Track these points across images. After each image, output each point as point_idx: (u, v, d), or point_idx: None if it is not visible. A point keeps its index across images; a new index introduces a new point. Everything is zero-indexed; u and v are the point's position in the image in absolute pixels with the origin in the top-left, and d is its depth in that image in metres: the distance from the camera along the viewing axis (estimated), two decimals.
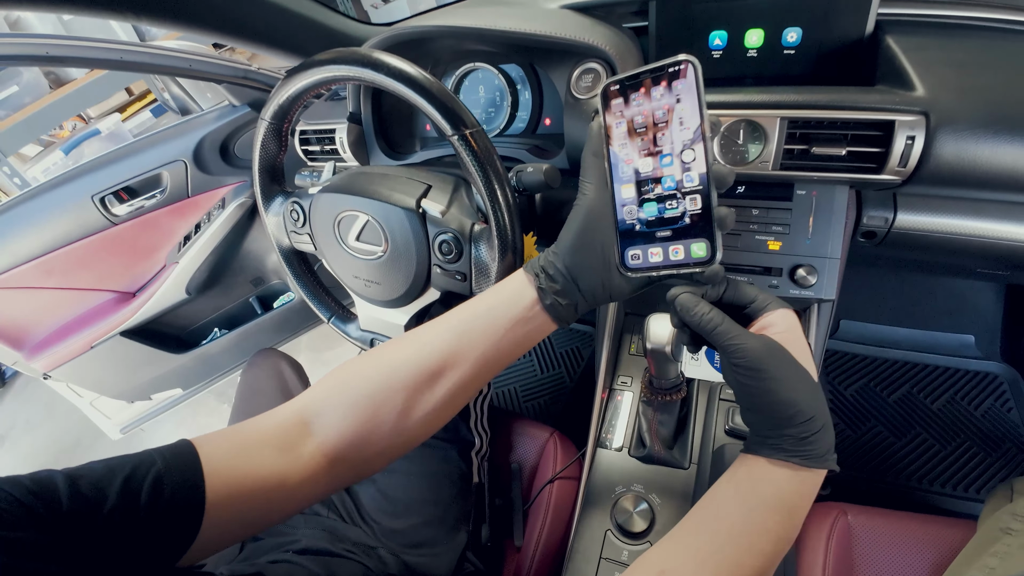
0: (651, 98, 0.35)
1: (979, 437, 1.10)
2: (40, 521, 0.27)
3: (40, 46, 0.80)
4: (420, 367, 0.41)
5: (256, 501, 0.36)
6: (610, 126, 0.37)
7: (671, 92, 0.35)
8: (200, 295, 1.22)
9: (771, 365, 0.35)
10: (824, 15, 0.59)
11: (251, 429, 0.39)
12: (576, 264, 0.39)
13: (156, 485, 0.31)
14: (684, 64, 0.34)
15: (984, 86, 0.53)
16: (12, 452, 2.07)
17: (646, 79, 0.35)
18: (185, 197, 1.12)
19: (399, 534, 0.65)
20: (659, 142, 0.36)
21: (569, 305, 0.40)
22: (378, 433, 0.40)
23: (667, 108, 0.35)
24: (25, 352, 1.14)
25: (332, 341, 1.94)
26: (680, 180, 0.36)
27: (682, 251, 0.37)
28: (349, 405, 0.41)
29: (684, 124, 0.35)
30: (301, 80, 0.55)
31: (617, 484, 0.61)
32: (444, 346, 0.41)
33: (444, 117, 0.48)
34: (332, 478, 0.40)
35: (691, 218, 0.36)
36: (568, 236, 0.40)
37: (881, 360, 1.24)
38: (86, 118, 2.45)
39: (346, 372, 0.43)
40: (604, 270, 0.39)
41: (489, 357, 0.41)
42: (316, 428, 0.40)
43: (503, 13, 0.69)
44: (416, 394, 0.40)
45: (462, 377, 0.41)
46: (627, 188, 0.37)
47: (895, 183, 0.55)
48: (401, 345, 0.43)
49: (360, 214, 0.59)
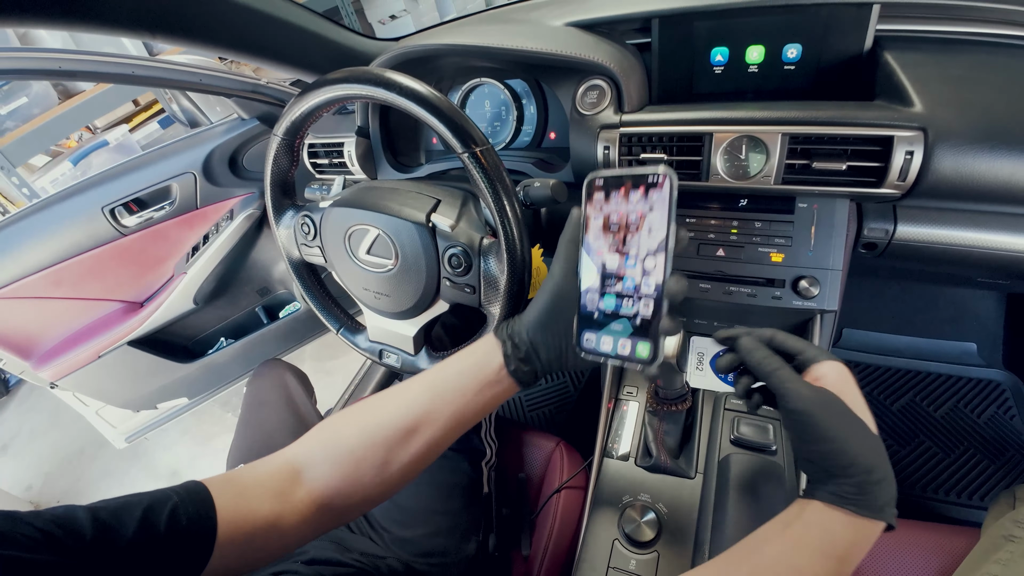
0: (628, 201, 0.38)
1: (982, 445, 1.10)
2: (62, 547, 0.28)
3: (54, 60, 0.82)
4: (396, 425, 0.45)
5: (255, 540, 0.39)
6: (588, 217, 0.40)
7: (646, 200, 0.37)
8: (207, 305, 1.23)
9: (824, 414, 0.36)
10: (823, 32, 0.61)
11: (249, 474, 0.42)
12: (538, 338, 0.44)
13: (173, 515, 0.34)
14: (663, 177, 0.36)
15: (981, 101, 0.54)
16: (16, 460, 2.07)
17: (627, 182, 0.38)
18: (194, 208, 1.14)
19: (409, 543, 0.66)
20: (627, 243, 0.39)
21: (531, 371, 0.45)
22: (360, 484, 0.44)
23: (640, 214, 0.38)
24: (33, 361, 1.15)
25: (336, 351, 1.95)
26: (639, 283, 0.38)
27: (629, 347, 0.39)
28: (334, 459, 0.44)
29: (652, 233, 0.37)
30: (315, 98, 0.56)
31: (624, 493, 0.62)
32: (418, 405, 0.45)
33: (454, 135, 0.49)
34: (320, 523, 0.43)
35: (641, 320, 0.38)
36: (534, 312, 0.45)
37: (884, 368, 1.24)
38: (93, 129, 2.47)
39: (331, 428, 0.47)
40: (562, 347, 0.44)
41: (460, 416, 0.45)
42: (305, 478, 0.43)
43: (509, 31, 0.71)
44: (394, 449, 0.44)
45: (435, 434, 0.45)
46: (593, 277, 0.40)
47: (895, 196, 0.56)
48: (380, 403, 0.47)
49: (371, 228, 0.60)
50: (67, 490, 1.89)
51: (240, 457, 0.83)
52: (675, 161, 0.61)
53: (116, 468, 1.90)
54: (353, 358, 1.80)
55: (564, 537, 0.70)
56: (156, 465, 1.85)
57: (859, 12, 0.59)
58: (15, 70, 0.84)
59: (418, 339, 0.65)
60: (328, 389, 1.39)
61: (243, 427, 0.90)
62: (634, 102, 0.65)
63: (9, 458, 2.09)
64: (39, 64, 0.82)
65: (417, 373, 0.66)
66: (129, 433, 1.41)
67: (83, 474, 1.92)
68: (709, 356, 0.74)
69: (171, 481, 1.63)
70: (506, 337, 0.45)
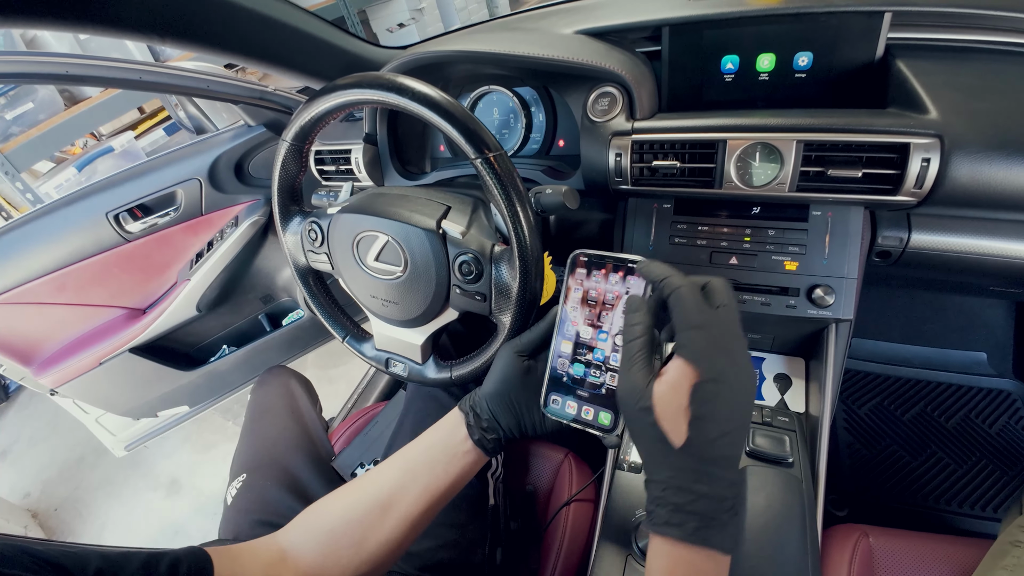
0: (607, 280, 0.41)
1: (995, 455, 1.08)
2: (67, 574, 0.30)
3: (61, 65, 0.82)
4: (371, 502, 0.47)
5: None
6: (569, 288, 0.43)
7: (624, 283, 0.40)
8: (210, 312, 1.22)
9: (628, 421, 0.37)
10: (834, 40, 0.61)
11: (245, 549, 0.45)
12: (497, 408, 0.47)
13: (174, 566, 0.36)
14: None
15: (996, 109, 0.53)
16: (15, 467, 2.05)
17: (608, 263, 0.41)
18: (199, 215, 1.13)
19: (415, 556, 0.64)
20: (602, 319, 0.41)
21: (494, 439, 0.48)
22: (339, 564, 0.45)
23: (616, 295, 0.41)
24: (33, 368, 1.14)
25: (338, 359, 1.93)
26: (608, 357, 0.41)
27: (592, 414, 0.42)
28: (314, 539, 0.46)
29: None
30: (324, 103, 0.56)
31: (637, 507, 0.60)
32: (392, 480, 0.48)
33: (467, 140, 0.49)
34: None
35: (606, 391, 0.41)
36: (491, 384, 0.48)
37: (894, 378, 1.23)
38: (98, 136, 2.48)
39: (316, 509, 0.49)
40: (519, 416, 0.47)
41: (432, 489, 0.47)
42: (289, 556, 0.45)
43: (520, 39, 0.71)
44: (369, 527, 0.46)
45: (409, 509, 0.47)
46: (566, 344, 0.43)
47: (911, 204, 0.56)
48: (358, 483, 0.49)
49: (380, 234, 0.59)
50: (66, 498, 1.86)
51: (244, 465, 0.81)
52: (688, 168, 0.61)
53: (115, 476, 1.88)
54: (356, 366, 1.79)
55: (574, 552, 0.68)
56: (156, 473, 1.83)
57: (870, 20, 0.59)
58: (23, 74, 0.84)
59: (426, 348, 0.64)
60: (331, 397, 1.37)
61: (247, 435, 0.88)
62: (645, 109, 0.64)
63: (8, 465, 2.07)
64: (47, 68, 0.82)
65: (424, 382, 0.66)
66: (129, 441, 1.40)
67: (82, 482, 1.90)
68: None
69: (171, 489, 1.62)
70: (468, 409, 0.48)
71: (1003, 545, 0.57)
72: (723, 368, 0.33)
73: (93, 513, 1.78)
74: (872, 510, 1.04)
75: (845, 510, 1.04)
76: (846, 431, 1.17)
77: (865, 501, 1.06)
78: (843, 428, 1.17)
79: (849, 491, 1.07)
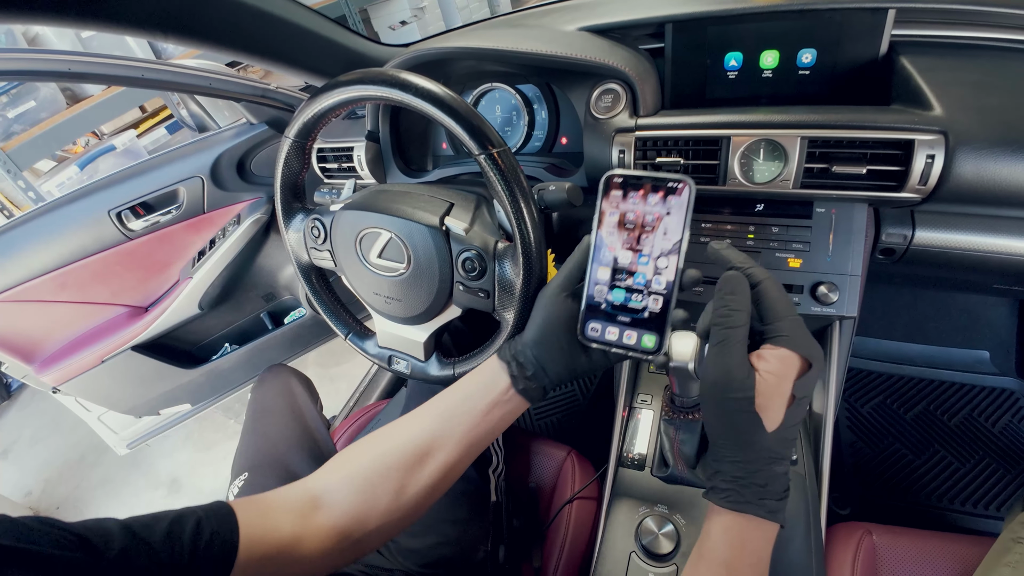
0: (646, 202, 0.40)
1: (997, 454, 1.08)
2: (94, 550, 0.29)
3: (63, 62, 0.82)
4: (409, 450, 0.46)
5: (275, 560, 0.39)
6: (604, 212, 0.42)
7: (664, 204, 0.39)
8: (212, 310, 1.22)
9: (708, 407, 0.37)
10: (838, 37, 0.60)
11: (272, 497, 0.44)
12: (544, 354, 0.45)
13: (197, 529, 0.35)
14: (683, 184, 0.38)
15: (1001, 106, 0.53)
16: (16, 465, 2.05)
17: (647, 184, 0.40)
18: (201, 213, 1.13)
19: (416, 553, 0.64)
20: (642, 242, 0.41)
21: (538, 388, 0.46)
22: (376, 510, 0.44)
23: (657, 216, 0.40)
24: (35, 366, 1.14)
25: (340, 357, 1.93)
26: (650, 280, 0.41)
27: (635, 338, 0.41)
28: (350, 486, 0.45)
29: (667, 235, 0.40)
30: (328, 99, 0.56)
31: (640, 505, 0.60)
32: (429, 430, 0.46)
33: (471, 136, 0.48)
34: (340, 552, 0.43)
35: (650, 314, 0.41)
36: (533, 331, 0.46)
37: (897, 377, 1.23)
38: (100, 134, 2.48)
39: (347, 456, 0.47)
40: (567, 358, 0.45)
41: (471, 438, 0.46)
42: (324, 503, 0.44)
43: (523, 36, 0.70)
44: (408, 474, 0.45)
45: (448, 457, 0.46)
46: (603, 271, 0.42)
47: (915, 201, 0.56)
48: (393, 430, 0.48)
49: (383, 231, 0.59)
50: (67, 496, 1.87)
51: (245, 464, 0.81)
52: (691, 165, 0.61)
53: (117, 474, 1.88)
54: (358, 364, 1.79)
55: (577, 549, 0.68)
56: (157, 472, 1.84)
57: (874, 17, 0.59)
58: (25, 71, 0.84)
59: (429, 345, 0.64)
60: (332, 396, 1.37)
61: (248, 434, 0.88)
62: (649, 106, 0.64)
63: (9, 463, 2.08)
64: (49, 65, 0.82)
65: (427, 379, 0.66)
66: (131, 439, 1.40)
67: (83, 480, 1.90)
68: None
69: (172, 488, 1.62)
70: (510, 358, 0.46)
71: (1005, 542, 0.57)
72: (819, 357, 0.36)
73: (94, 511, 1.78)
74: (875, 508, 1.04)
75: (848, 508, 1.04)
76: (849, 430, 1.17)
77: (868, 499, 1.06)
78: (846, 427, 1.17)
79: (852, 489, 1.07)
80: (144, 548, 0.32)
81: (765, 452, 0.35)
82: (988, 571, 0.55)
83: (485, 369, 0.48)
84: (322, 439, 0.88)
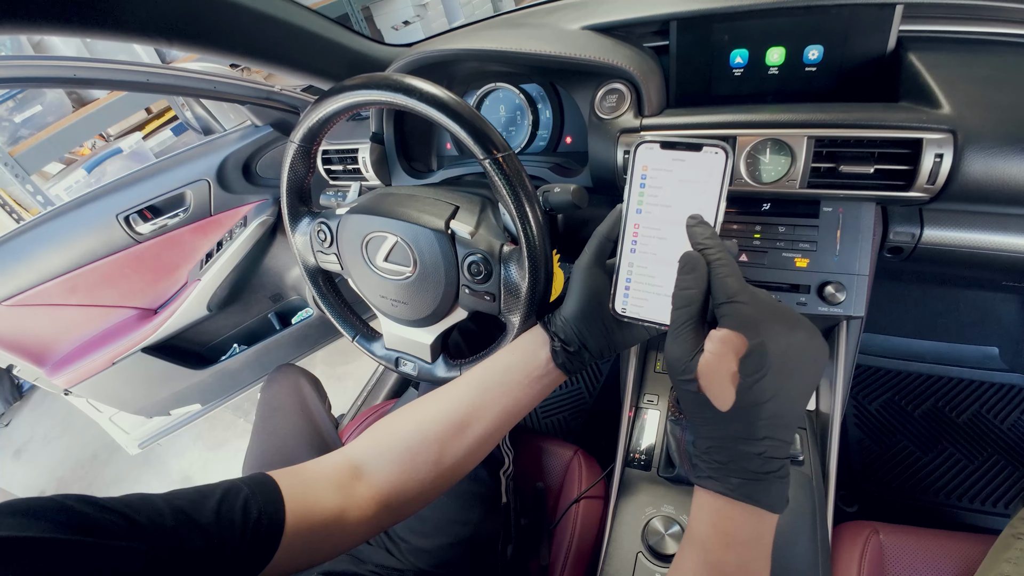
0: (680, 170, 0.38)
1: (1006, 451, 1.07)
2: (146, 534, 0.29)
3: (69, 68, 0.83)
4: (448, 421, 0.46)
5: (320, 532, 0.39)
6: (635, 180, 0.40)
7: (699, 171, 0.37)
8: (220, 311, 1.23)
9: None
10: (845, 33, 0.60)
11: (313, 468, 0.44)
12: (584, 329, 0.45)
13: (246, 508, 0.35)
14: (719, 150, 0.37)
15: (1010, 103, 0.52)
16: (30, 465, 2.09)
17: (681, 149, 0.38)
18: (208, 215, 1.14)
19: (427, 554, 0.65)
20: (675, 211, 0.38)
21: (578, 362, 0.46)
22: (416, 479, 0.45)
23: (692, 184, 0.38)
24: (47, 368, 1.15)
25: (347, 356, 1.95)
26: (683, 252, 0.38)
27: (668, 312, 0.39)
28: (390, 455, 0.45)
29: (703, 205, 0.37)
30: (333, 104, 0.56)
31: (647, 505, 0.61)
32: (468, 401, 0.47)
33: (476, 141, 0.49)
34: (380, 519, 0.44)
35: None
36: (573, 305, 0.46)
37: (905, 374, 1.22)
38: (107, 137, 2.50)
39: (385, 426, 0.48)
40: (608, 332, 0.45)
41: (509, 409, 0.47)
42: (365, 472, 0.45)
43: (526, 35, 0.70)
44: (447, 444, 0.45)
45: (486, 428, 0.46)
46: (635, 243, 0.41)
47: (923, 200, 0.55)
48: (431, 401, 0.48)
49: (389, 235, 0.59)
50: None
51: (256, 463, 0.82)
52: None
53: (128, 473, 1.91)
54: (365, 363, 1.80)
55: (584, 548, 0.69)
56: (169, 471, 1.86)
57: (881, 12, 0.58)
58: (30, 78, 0.84)
59: (435, 347, 0.65)
60: (340, 394, 1.38)
61: (258, 433, 0.89)
62: (654, 106, 0.64)
63: (23, 463, 2.11)
64: (54, 72, 0.82)
65: (433, 380, 0.66)
66: (142, 439, 1.42)
67: (96, 479, 1.93)
68: None
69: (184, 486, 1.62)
70: (551, 334, 0.46)
71: (1006, 539, 0.57)
72: (774, 333, 0.33)
73: None
74: (882, 506, 1.04)
75: (855, 506, 1.04)
76: (856, 427, 1.16)
77: (875, 497, 1.06)
78: (853, 424, 1.17)
79: (859, 487, 1.06)
80: (195, 529, 0.32)
81: (724, 430, 0.34)
82: (989, 568, 0.55)
83: (526, 341, 0.48)
84: (331, 438, 0.89)
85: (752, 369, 0.33)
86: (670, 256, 0.39)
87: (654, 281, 0.40)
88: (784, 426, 0.34)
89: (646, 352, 0.79)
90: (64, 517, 0.27)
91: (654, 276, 0.40)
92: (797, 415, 0.35)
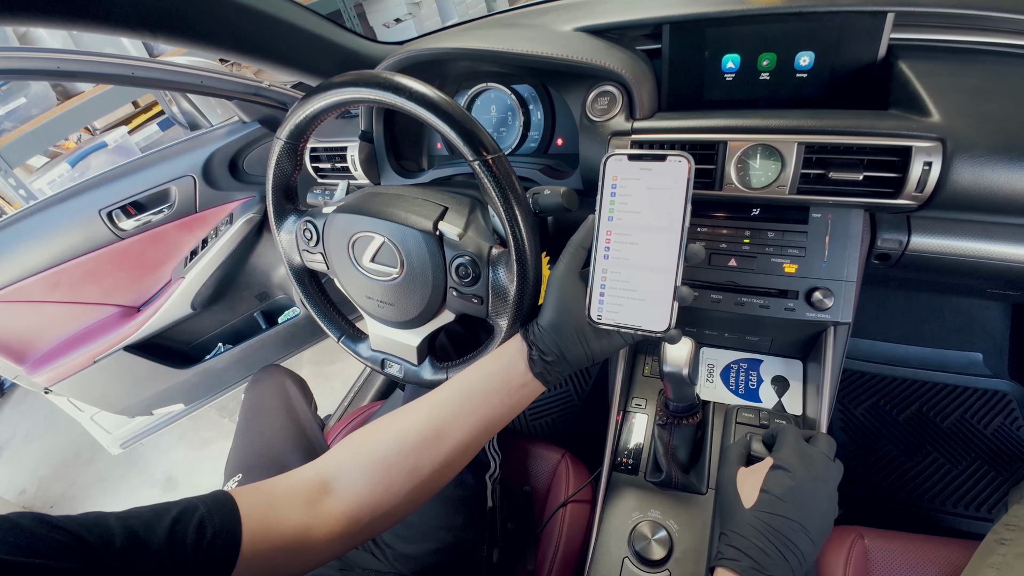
0: (647, 180, 0.40)
1: (989, 456, 1.09)
2: (92, 555, 0.29)
3: (53, 60, 0.81)
4: (425, 429, 0.45)
5: (283, 552, 0.38)
6: (606, 191, 0.42)
7: (665, 180, 0.40)
8: (205, 310, 1.21)
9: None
10: (837, 40, 0.60)
11: (279, 485, 0.42)
12: (562, 338, 0.45)
13: (200, 528, 0.34)
14: (683, 160, 0.39)
15: (999, 112, 0.53)
16: (11, 463, 2.04)
17: (648, 161, 0.40)
18: (193, 212, 1.12)
19: (412, 560, 0.64)
20: (644, 220, 0.41)
21: (557, 372, 0.46)
22: (390, 492, 0.44)
23: (658, 193, 0.40)
24: (27, 366, 1.13)
25: (334, 356, 1.93)
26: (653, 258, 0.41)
27: (642, 318, 0.42)
28: (363, 468, 0.44)
29: (670, 212, 0.40)
30: (320, 101, 0.55)
31: (634, 510, 0.60)
32: (446, 409, 0.46)
33: (465, 142, 0.48)
34: (350, 537, 0.43)
35: (655, 293, 0.41)
36: (550, 313, 0.46)
37: (890, 379, 1.23)
38: (92, 130, 2.45)
39: (360, 438, 0.47)
40: (585, 340, 0.45)
41: (487, 419, 0.46)
42: (335, 488, 0.43)
43: (518, 36, 0.70)
44: (423, 454, 0.45)
45: (463, 437, 0.46)
46: (607, 251, 0.42)
47: (911, 208, 0.55)
48: (408, 410, 0.47)
49: (376, 235, 0.58)
50: (62, 494, 1.86)
51: (239, 465, 0.81)
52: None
53: (111, 473, 1.87)
54: (352, 363, 1.79)
55: (570, 552, 0.68)
56: (152, 470, 1.83)
57: (873, 20, 0.59)
58: (14, 70, 0.82)
59: (422, 349, 0.64)
60: (327, 395, 1.37)
61: (242, 434, 0.88)
62: (645, 109, 0.63)
63: (3, 462, 2.07)
64: (38, 64, 0.80)
65: (419, 383, 0.65)
66: (124, 439, 1.39)
67: (78, 479, 1.89)
68: (720, 367, 0.72)
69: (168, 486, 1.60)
70: (530, 343, 0.46)
71: (990, 544, 0.57)
72: (799, 470, 0.45)
73: (89, 509, 1.77)
74: (867, 511, 1.05)
75: (841, 510, 1.04)
76: (842, 431, 1.17)
77: (860, 502, 1.06)
78: (839, 428, 1.18)
79: (844, 491, 1.06)
80: (145, 550, 0.31)
81: (750, 525, 0.43)
82: (973, 573, 0.55)
83: (505, 351, 0.48)
84: (316, 440, 0.87)
85: (771, 480, 0.45)
86: (642, 260, 0.41)
87: (628, 286, 0.42)
88: (797, 548, 0.42)
89: (634, 356, 0.79)
90: (12, 537, 0.27)
91: (628, 281, 0.42)
92: (804, 549, 0.43)
